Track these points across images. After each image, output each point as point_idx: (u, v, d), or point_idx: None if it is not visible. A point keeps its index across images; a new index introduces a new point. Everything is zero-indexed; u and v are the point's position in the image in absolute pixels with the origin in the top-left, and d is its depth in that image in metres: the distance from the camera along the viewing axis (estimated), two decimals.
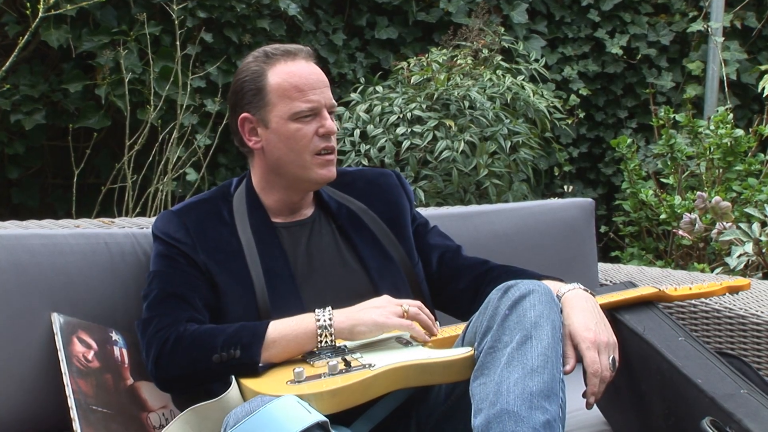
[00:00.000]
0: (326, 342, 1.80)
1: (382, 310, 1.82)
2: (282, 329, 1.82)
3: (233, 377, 1.75)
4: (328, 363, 1.72)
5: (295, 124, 1.96)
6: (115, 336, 2.02)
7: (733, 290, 2.17)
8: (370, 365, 1.72)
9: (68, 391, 1.84)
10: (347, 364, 1.72)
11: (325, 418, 1.58)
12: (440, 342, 1.88)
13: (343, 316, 1.82)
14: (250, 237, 1.99)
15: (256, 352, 1.79)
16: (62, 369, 1.87)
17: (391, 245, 2.09)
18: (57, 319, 1.94)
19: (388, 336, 1.87)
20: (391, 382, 1.71)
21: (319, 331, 1.80)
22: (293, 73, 1.97)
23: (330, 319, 1.81)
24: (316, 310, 1.83)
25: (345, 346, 1.83)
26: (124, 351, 2.03)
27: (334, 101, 2.02)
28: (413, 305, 1.86)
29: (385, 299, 1.87)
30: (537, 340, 1.70)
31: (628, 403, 1.97)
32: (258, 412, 1.57)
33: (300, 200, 2.07)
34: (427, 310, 1.88)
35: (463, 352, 1.76)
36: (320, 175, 2.00)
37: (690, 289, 2.13)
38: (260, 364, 1.79)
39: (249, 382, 1.74)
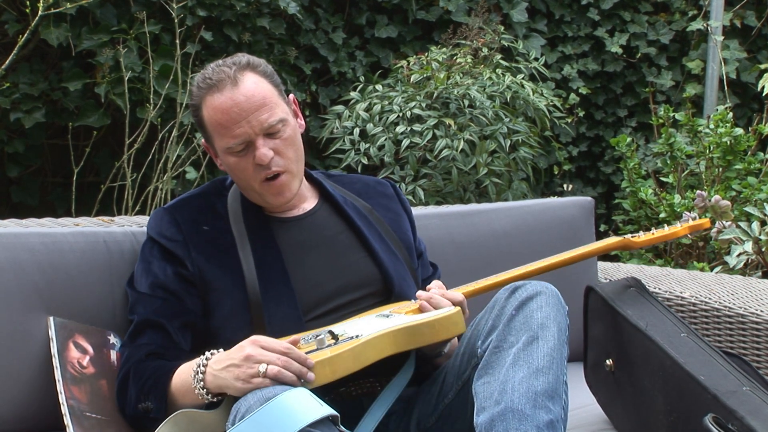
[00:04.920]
0: (202, 395, 1.72)
1: (240, 371, 1.66)
2: (174, 381, 1.79)
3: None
4: (316, 338, 1.75)
5: (233, 158, 1.93)
6: (112, 339, 2.00)
7: (694, 230, 2.22)
8: (357, 336, 1.75)
9: (61, 398, 1.83)
10: (335, 337, 1.75)
11: (335, 413, 1.58)
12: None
13: (210, 376, 1.71)
14: (243, 231, 1.98)
15: (162, 408, 1.77)
16: (56, 376, 1.86)
17: (397, 246, 2.08)
18: (52, 324, 1.93)
19: (368, 315, 1.90)
20: (381, 348, 1.73)
21: (194, 384, 1.73)
22: (217, 109, 1.90)
23: (202, 374, 1.72)
24: (199, 358, 1.75)
25: (330, 330, 1.83)
26: None
27: (272, 120, 1.90)
28: (274, 362, 1.64)
29: (244, 356, 1.67)
30: (543, 341, 1.70)
31: (630, 399, 1.96)
32: (271, 402, 1.57)
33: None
34: (295, 354, 1.66)
35: (446, 310, 1.79)
36: (272, 202, 1.98)
37: (653, 234, 2.16)
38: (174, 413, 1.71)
39: None
